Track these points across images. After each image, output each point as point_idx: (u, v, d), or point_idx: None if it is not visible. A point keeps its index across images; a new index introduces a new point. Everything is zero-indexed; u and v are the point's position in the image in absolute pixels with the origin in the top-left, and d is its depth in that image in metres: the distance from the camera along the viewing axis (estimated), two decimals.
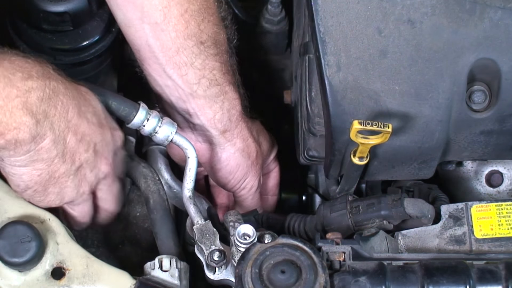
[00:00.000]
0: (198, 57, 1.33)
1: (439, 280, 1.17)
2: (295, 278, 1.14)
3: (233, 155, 1.44)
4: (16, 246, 1.18)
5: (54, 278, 1.23)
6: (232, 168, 1.45)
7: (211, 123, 1.39)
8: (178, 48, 1.32)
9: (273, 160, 1.58)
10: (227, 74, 1.38)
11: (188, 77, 1.34)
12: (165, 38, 1.31)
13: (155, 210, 1.39)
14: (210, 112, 1.38)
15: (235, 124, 1.41)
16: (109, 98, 1.31)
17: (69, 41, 1.43)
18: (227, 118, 1.39)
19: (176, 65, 1.33)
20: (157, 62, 1.33)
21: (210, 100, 1.37)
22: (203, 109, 1.38)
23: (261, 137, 1.51)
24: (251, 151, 1.45)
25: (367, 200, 1.34)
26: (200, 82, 1.35)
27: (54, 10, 1.40)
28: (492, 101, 1.27)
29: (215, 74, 1.36)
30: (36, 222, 1.24)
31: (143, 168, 1.43)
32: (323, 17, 1.25)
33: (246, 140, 1.44)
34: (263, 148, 1.50)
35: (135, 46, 1.35)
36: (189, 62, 1.33)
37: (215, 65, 1.36)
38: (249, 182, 1.48)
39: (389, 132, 1.19)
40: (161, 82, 1.36)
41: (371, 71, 1.25)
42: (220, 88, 1.37)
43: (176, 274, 1.27)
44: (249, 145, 1.45)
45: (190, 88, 1.35)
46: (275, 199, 1.62)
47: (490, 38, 1.24)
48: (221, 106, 1.38)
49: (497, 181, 1.49)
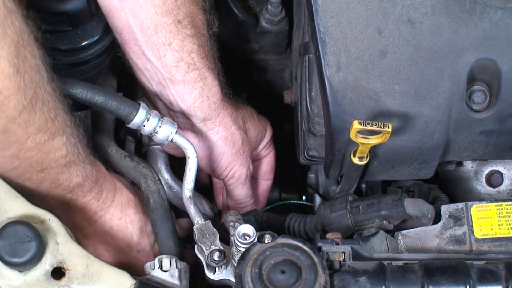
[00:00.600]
0: (176, 37, 1.34)
1: (439, 280, 1.17)
2: (295, 278, 1.14)
3: (216, 144, 1.43)
4: (16, 246, 1.18)
5: (54, 278, 1.23)
6: (215, 156, 1.44)
7: (191, 110, 1.39)
8: (157, 26, 1.32)
9: (266, 146, 1.57)
10: (205, 58, 1.38)
11: (167, 59, 1.34)
12: (144, 15, 1.32)
13: (155, 210, 1.39)
14: (190, 99, 1.38)
15: (216, 112, 1.41)
16: (109, 98, 1.31)
17: (68, 41, 1.43)
18: (207, 106, 1.39)
19: (155, 45, 1.34)
20: (137, 43, 1.34)
21: (189, 86, 1.37)
22: (182, 96, 1.38)
23: (248, 123, 1.50)
24: (236, 139, 1.45)
25: (367, 200, 1.34)
26: (178, 65, 1.35)
27: (53, 10, 1.40)
28: (492, 101, 1.27)
29: (193, 57, 1.36)
30: (36, 222, 1.23)
31: (143, 168, 1.43)
32: (323, 17, 1.25)
33: (229, 128, 1.43)
34: (250, 136, 1.50)
35: (117, 29, 1.36)
36: (167, 42, 1.34)
37: (193, 48, 1.36)
38: (236, 171, 1.47)
39: (389, 132, 1.19)
40: (141, 66, 1.37)
41: (371, 71, 1.25)
42: (199, 73, 1.37)
43: (176, 274, 1.27)
44: (233, 133, 1.44)
45: (169, 72, 1.35)
46: (268, 183, 1.62)
47: (490, 38, 1.24)
48: (201, 93, 1.38)
49: (497, 181, 1.49)
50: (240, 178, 1.49)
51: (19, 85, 1.09)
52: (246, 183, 1.51)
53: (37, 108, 1.14)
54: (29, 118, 1.13)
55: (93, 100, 1.31)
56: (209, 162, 1.46)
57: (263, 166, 1.60)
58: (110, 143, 1.48)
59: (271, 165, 1.60)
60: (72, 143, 1.23)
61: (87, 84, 1.31)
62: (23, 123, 1.13)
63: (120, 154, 1.45)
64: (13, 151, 1.16)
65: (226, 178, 1.48)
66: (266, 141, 1.57)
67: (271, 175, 1.62)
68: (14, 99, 1.09)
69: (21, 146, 1.16)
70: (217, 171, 1.47)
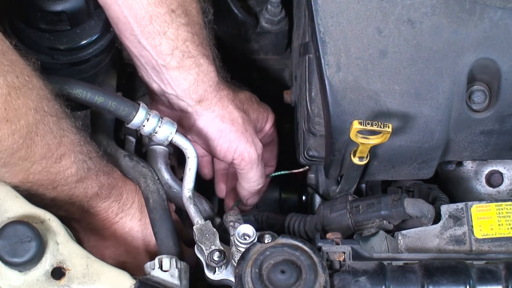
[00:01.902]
0: (170, 26, 1.35)
1: (439, 280, 1.17)
2: (295, 278, 1.14)
3: (212, 121, 1.43)
4: (16, 246, 1.18)
5: (54, 278, 1.22)
6: (213, 134, 1.44)
7: (185, 93, 1.40)
8: (151, 16, 1.34)
9: (269, 132, 1.57)
10: (200, 46, 1.40)
11: (162, 47, 1.36)
12: (137, 6, 1.33)
13: (155, 210, 1.39)
14: (185, 83, 1.39)
15: (212, 94, 1.42)
16: (109, 98, 1.31)
17: (67, 41, 1.43)
18: (202, 89, 1.41)
19: (150, 34, 1.35)
20: (132, 33, 1.36)
21: (184, 72, 1.38)
22: (177, 80, 1.39)
23: (247, 105, 1.50)
24: (235, 118, 1.45)
25: (367, 200, 1.34)
26: (173, 53, 1.36)
27: (52, 10, 1.40)
28: (492, 101, 1.27)
29: (188, 45, 1.37)
30: (36, 222, 1.23)
31: (142, 168, 1.43)
32: (323, 17, 1.25)
33: (226, 107, 1.44)
34: (250, 117, 1.49)
35: (113, 20, 1.37)
36: (162, 31, 1.35)
37: (187, 36, 1.37)
38: (243, 151, 1.46)
39: (389, 132, 1.19)
40: (136, 53, 1.39)
41: (371, 71, 1.25)
42: (194, 60, 1.38)
43: (176, 274, 1.27)
44: (230, 111, 1.44)
45: (164, 59, 1.37)
46: (271, 170, 1.62)
47: (490, 38, 1.24)
48: (196, 78, 1.39)
49: (497, 181, 1.49)
50: (252, 159, 1.47)
51: (10, 131, 1.12)
52: (260, 163, 1.49)
53: (37, 141, 1.17)
54: (28, 152, 1.16)
55: (93, 100, 1.31)
56: (209, 141, 1.45)
57: (267, 154, 1.59)
58: (110, 143, 1.48)
59: (274, 153, 1.60)
60: (81, 160, 1.25)
61: (87, 84, 1.31)
62: (23, 156, 1.16)
63: (120, 154, 1.45)
64: (21, 177, 1.20)
65: (235, 161, 1.47)
66: (268, 127, 1.57)
67: (273, 161, 1.61)
68: (7, 142, 1.12)
69: (27, 172, 1.19)
70: (219, 152, 1.46)
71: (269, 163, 1.61)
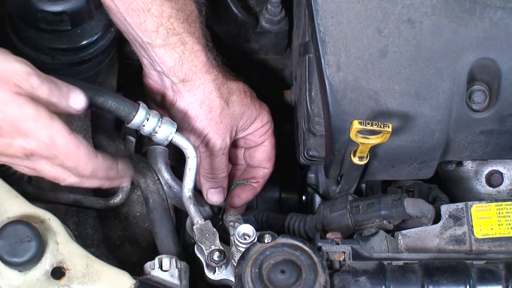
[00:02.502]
0: (154, 3, 1.35)
1: (439, 280, 1.17)
2: (295, 278, 1.14)
3: (191, 105, 1.43)
4: (16, 246, 1.18)
5: (54, 278, 1.23)
6: (189, 118, 1.44)
7: (171, 71, 1.40)
8: None
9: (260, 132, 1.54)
10: (185, 23, 1.39)
11: (147, 25, 1.36)
12: None
13: (155, 210, 1.39)
14: (170, 61, 1.39)
15: (196, 75, 1.41)
16: (109, 98, 1.31)
17: (67, 41, 1.43)
18: (187, 68, 1.40)
19: (134, 12, 1.35)
20: (118, 11, 1.36)
21: (169, 49, 1.38)
22: (162, 58, 1.39)
23: (234, 97, 1.48)
24: (214, 106, 1.44)
25: (367, 200, 1.34)
26: (158, 30, 1.37)
27: (53, 10, 1.40)
28: (492, 101, 1.27)
29: (172, 22, 1.37)
30: (36, 222, 1.24)
31: (142, 168, 1.43)
32: (323, 17, 1.25)
33: (209, 93, 1.43)
34: (233, 109, 1.47)
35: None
36: (145, 8, 1.35)
37: (171, 13, 1.37)
38: (210, 139, 1.45)
39: (389, 132, 1.19)
40: (125, 30, 1.39)
41: (371, 71, 1.25)
42: (179, 37, 1.39)
43: (176, 274, 1.27)
44: (211, 99, 1.43)
45: (149, 37, 1.37)
46: (265, 171, 1.59)
47: (490, 38, 1.24)
48: (181, 56, 1.39)
49: (497, 181, 1.49)
50: (214, 148, 1.46)
51: None
52: (219, 155, 1.48)
53: None
54: None
55: (93, 100, 1.30)
56: (184, 123, 1.44)
57: (258, 154, 1.57)
58: (110, 143, 1.48)
59: (267, 154, 1.57)
60: None
61: (87, 84, 1.31)
62: None
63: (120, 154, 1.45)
64: None
65: (200, 145, 1.47)
66: (260, 126, 1.53)
67: (268, 163, 1.58)
68: None
69: None
70: (191, 135, 1.45)
71: (262, 165, 1.58)
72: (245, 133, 1.52)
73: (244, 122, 1.50)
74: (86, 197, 1.50)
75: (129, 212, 1.52)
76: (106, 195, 1.51)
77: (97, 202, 1.49)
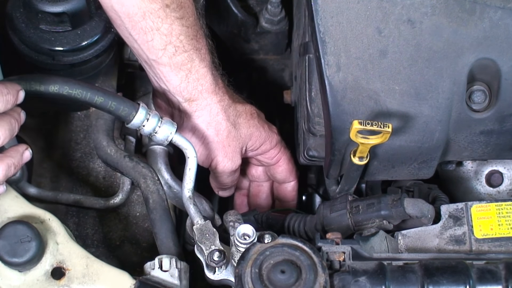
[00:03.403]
0: (164, 22, 1.32)
1: (439, 280, 1.17)
2: (295, 278, 1.14)
3: (198, 127, 1.41)
4: (16, 246, 1.18)
5: (54, 278, 1.23)
6: (196, 138, 1.42)
7: (176, 90, 1.38)
8: (144, 12, 1.31)
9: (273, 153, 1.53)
10: (194, 39, 1.36)
11: (154, 43, 1.33)
12: (130, 3, 1.30)
13: (155, 210, 1.39)
14: (176, 79, 1.37)
15: (202, 95, 1.39)
16: (109, 98, 1.31)
17: (68, 42, 1.43)
18: (192, 87, 1.38)
19: (142, 30, 1.32)
20: (123, 25, 1.33)
21: (175, 68, 1.36)
22: (168, 76, 1.37)
23: (241, 119, 1.46)
24: (220, 129, 1.42)
25: (367, 200, 1.34)
26: (166, 48, 1.34)
27: (53, 11, 1.40)
28: (492, 101, 1.27)
29: (181, 40, 1.34)
30: (36, 222, 1.24)
31: (142, 168, 1.43)
32: (323, 17, 1.25)
33: (215, 115, 1.41)
34: (240, 132, 1.46)
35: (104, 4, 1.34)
36: (155, 27, 1.32)
37: (181, 30, 1.34)
38: (219, 162, 1.45)
39: (389, 132, 1.19)
40: (129, 44, 1.38)
41: (371, 71, 1.25)
42: (187, 55, 1.36)
43: (176, 274, 1.27)
44: (218, 121, 1.42)
45: (155, 54, 1.34)
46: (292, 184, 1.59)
47: (490, 38, 1.24)
48: (187, 75, 1.37)
49: (497, 181, 1.49)
50: (224, 171, 1.47)
51: None
52: (232, 173, 1.49)
53: None
54: None
55: (93, 100, 1.31)
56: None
57: (278, 173, 1.58)
58: (110, 143, 1.48)
59: (286, 170, 1.57)
60: None
61: (87, 84, 1.31)
62: None
63: (120, 154, 1.45)
64: None
65: (210, 167, 1.47)
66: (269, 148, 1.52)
67: (291, 176, 1.59)
68: None
69: None
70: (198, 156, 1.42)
71: (287, 180, 1.59)
72: (254, 153, 1.52)
73: (253, 143, 1.49)
74: (86, 197, 1.50)
75: (129, 212, 1.52)
76: (106, 195, 1.52)
77: (97, 202, 1.50)
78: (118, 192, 1.50)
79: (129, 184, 1.50)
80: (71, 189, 1.52)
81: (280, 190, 1.61)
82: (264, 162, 1.56)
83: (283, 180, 1.59)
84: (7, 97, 1.20)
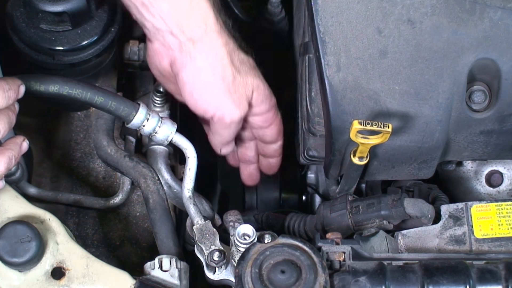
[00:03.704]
0: None
1: (439, 280, 1.17)
2: (295, 278, 1.14)
3: (203, 70, 1.33)
4: (16, 246, 1.18)
5: (54, 278, 1.23)
6: (200, 84, 1.34)
7: (178, 28, 1.31)
8: None
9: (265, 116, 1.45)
10: None
11: None
12: None
13: (155, 210, 1.39)
14: (176, 15, 1.30)
15: (207, 35, 1.31)
16: (109, 98, 1.31)
17: (68, 41, 1.43)
18: (194, 24, 1.31)
19: None
20: None
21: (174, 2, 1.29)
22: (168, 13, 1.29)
23: (246, 68, 1.38)
24: (226, 74, 1.33)
25: (367, 200, 1.34)
26: None
27: (53, 10, 1.40)
28: (492, 101, 1.27)
29: None
30: (36, 222, 1.24)
31: (142, 168, 1.43)
32: (323, 17, 1.25)
33: (221, 59, 1.33)
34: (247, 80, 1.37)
35: None
36: None
37: None
38: (226, 111, 1.36)
39: (389, 132, 1.19)
40: None
41: (371, 71, 1.25)
42: None
43: (176, 274, 1.27)
44: (224, 65, 1.33)
45: None
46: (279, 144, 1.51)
47: (490, 38, 1.24)
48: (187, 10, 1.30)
49: (497, 181, 1.49)
50: (232, 121, 1.37)
51: None
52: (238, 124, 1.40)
53: None
54: None
55: (93, 100, 1.31)
56: (192, 93, 1.35)
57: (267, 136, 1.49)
58: (110, 142, 1.48)
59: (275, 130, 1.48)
60: None
61: (87, 84, 1.31)
62: None
63: (120, 154, 1.46)
64: None
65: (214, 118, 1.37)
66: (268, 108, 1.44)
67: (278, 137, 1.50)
68: None
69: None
70: (200, 105, 1.36)
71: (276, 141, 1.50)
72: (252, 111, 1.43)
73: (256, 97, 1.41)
74: (86, 197, 1.50)
75: (129, 212, 1.52)
76: (106, 195, 1.52)
77: (97, 202, 1.50)
78: (118, 192, 1.50)
79: (129, 184, 1.50)
80: (71, 189, 1.52)
81: (266, 148, 1.53)
82: (255, 125, 1.47)
83: (271, 141, 1.51)
84: (8, 93, 1.19)
